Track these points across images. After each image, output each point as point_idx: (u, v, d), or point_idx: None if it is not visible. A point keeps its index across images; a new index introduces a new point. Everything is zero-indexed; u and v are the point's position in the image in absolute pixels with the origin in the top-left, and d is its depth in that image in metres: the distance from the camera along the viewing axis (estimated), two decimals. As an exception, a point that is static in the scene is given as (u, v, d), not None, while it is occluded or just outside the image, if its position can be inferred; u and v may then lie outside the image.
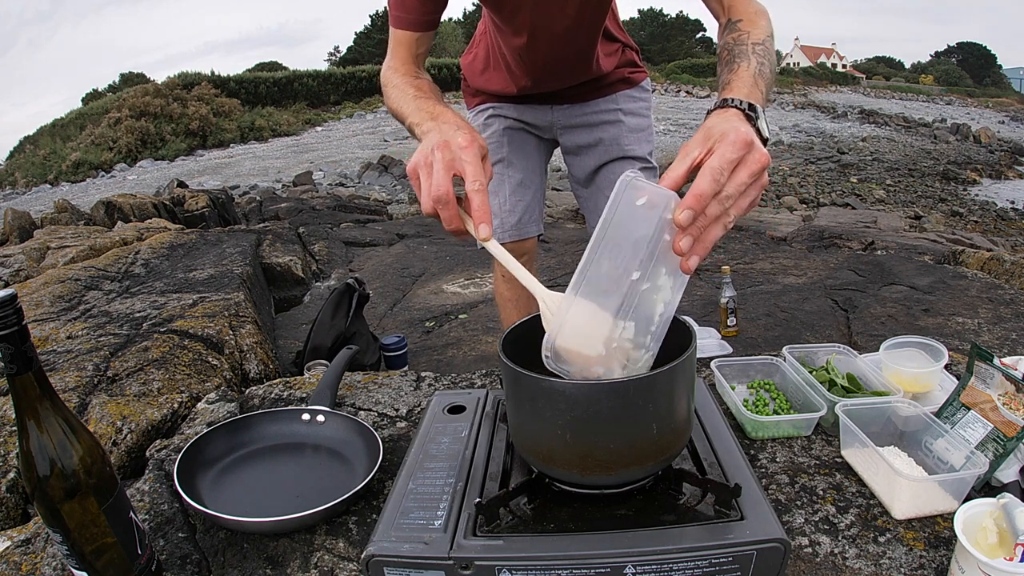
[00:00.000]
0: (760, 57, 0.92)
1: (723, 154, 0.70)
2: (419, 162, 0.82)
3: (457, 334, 2.71)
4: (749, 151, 0.71)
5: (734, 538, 0.71)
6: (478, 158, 0.81)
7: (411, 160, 0.84)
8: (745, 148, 0.71)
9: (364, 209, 6.91)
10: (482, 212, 0.78)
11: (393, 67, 1.17)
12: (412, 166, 0.83)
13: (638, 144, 1.64)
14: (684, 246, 0.69)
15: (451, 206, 0.79)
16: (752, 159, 0.71)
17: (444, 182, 0.79)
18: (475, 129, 0.88)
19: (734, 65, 0.91)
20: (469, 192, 0.79)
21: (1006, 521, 0.72)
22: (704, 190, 0.69)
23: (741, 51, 0.94)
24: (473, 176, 0.79)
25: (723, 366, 1.20)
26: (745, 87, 0.84)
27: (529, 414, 0.76)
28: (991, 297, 2.42)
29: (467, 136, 0.83)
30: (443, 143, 0.81)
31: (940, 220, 9.39)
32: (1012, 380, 0.91)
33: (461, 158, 0.80)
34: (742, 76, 0.87)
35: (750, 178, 0.71)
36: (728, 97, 0.82)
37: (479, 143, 0.83)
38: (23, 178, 19.47)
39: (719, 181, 0.69)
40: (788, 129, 20.52)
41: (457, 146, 0.81)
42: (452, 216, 0.80)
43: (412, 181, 0.83)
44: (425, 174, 0.81)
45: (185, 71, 29.01)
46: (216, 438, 1.05)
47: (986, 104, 37.63)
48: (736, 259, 3.51)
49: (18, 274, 2.99)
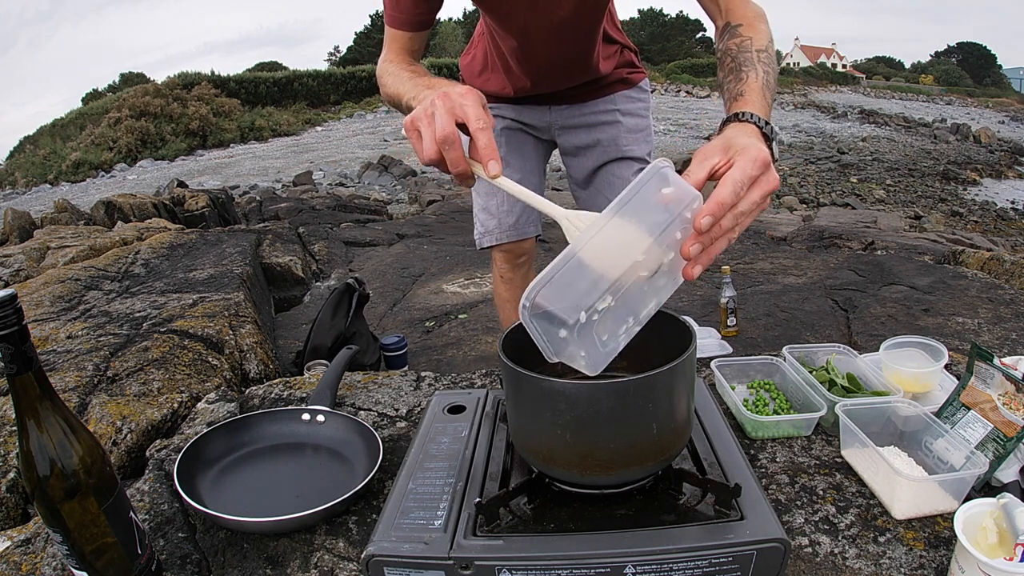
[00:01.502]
0: (766, 66, 0.94)
1: (745, 169, 0.72)
2: (418, 115, 0.81)
3: (457, 334, 2.71)
4: (766, 172, 0.73)
5: (734, 538, 0.71)
6: (478, 103, 0.81)
7: (409, 116, 0.83)
8: (764, 168, 0.73)
9: (364, 209, 6.92)
10: (489, 149, 0.78)
11: (388, 59, 1.18)
12: (410, 119, 0.82)
13: (637, 145, 1.64)
14: (693, 251, 0.70)
15: (457, 147, 0.79)
16: (766, 180, 0.73)
17: (448, 124, 0.78)
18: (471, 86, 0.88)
19: (742, 75, 0.92)
20: (474, 131, 0.78)
21: (1006, 521, 0.72)
22: (725, 200, 0.70)
23: (747, 59, 0.95)
24: (476, 116, 0.79)
25: (723, 366, 1.20)
26: (758, 101, 0.86)
27: (529, 414, 0.76)
28: (991, 297, 2.42)
29: (465, 87, 0.83)
30: (443, 94, 0.81)
31: (940, 220, 9.40)
32: (1012, 380, 0.91)
33: (461, 103, 0.80)
34: (753, 88, 0.89)
35: (761, 199, 0.73)
36: (745, 111, 0.84)
37: (477, 93, 0.83)
38: (23, 178, 19.47)
39: (739, 194, 0.71)
40: (788, 129, 20.52)
41: (457, 94, 0.81)
42: (458, 157, 0.79)
43: (410, 134, 0.83)
44: (426, 123, 0.80)
45: (185, 71, 29.03)
46: (216, 438, 1.05)
47: (986, 104, 37.64)
48: (736, 259, 3.51)
49: (18, 274, 2.99)
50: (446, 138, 0.78)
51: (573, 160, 1.70)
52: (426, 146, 0.80)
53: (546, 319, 0.68)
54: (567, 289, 0.67)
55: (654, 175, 0.70)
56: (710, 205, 0.69)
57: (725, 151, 0.75)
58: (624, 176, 1.62)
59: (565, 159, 1.72)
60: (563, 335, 0.69)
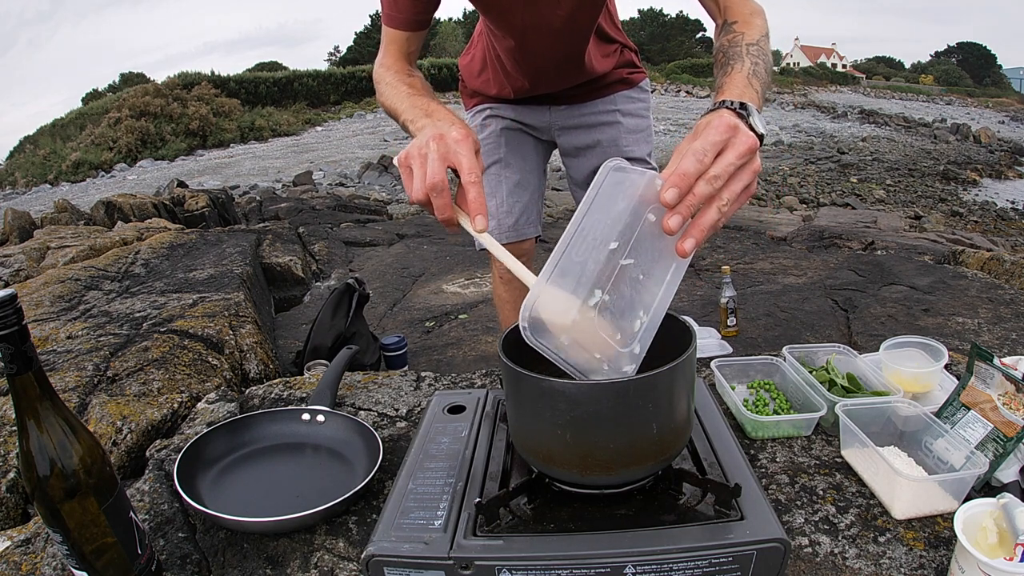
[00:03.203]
0: (754, 57, 0.92)
1: (706, 137, 0.71)
2: (412, 153, 0.83)
3: (457, 334, 2.71)
4: (734, 134, 0.72)
5: (734, 538, 0.71)
6: (472, 151, 0.82)
7: (403, 151, 0.84)
8: (729, 132, 0.72)
9: (364, 209, 6.92)
10: (478, 203, 0.79)
11: (386, 64, 1.18)
12: (404, 156, 0.84)
13: (637, 145, 1.64)
14: (673, 224, 0.69)
15: (445, 195, 0.80)
16: (738, 141, 0.72)
17: (439, 171, 0.80)
18: (468, 125, 0.89)
19: (728, 67, 0.91)
20: (465, 184, 0.80)
21: (1006, 521, 0.72)
22: (687, 169, 0.69)
23: (735, 53, 0.94)
24: (469, 168, 0.80)
25: (723, 366, 1.20)
26: (737, 88, 0.84)
27: (529, 414, 0.76)
28: (991, 297, 2.42)
29: (462, 131, 0.83)
30: (438, 135, 0.82)
31: (940, 220, 9.40)
32: (1012, 380, 0.91)
33: (456, 151, 0.81)
34: (735, 78, 0.87)
35: (738, 159, 0.71)
36: (720, 100, 0.83)
37: (473, 138, 0.84)
38: (23, 178, 19.47)
39: (703, 161, 0.70)
40: (788, 129, 20.52)
41: (452, 139, 0.82)
42: (446, 205, 0.80)
43: (402, 170, 0.84)
44: (418, 163, 0.81)
45: (185, 71, 29.03)
46: (216, 438, 1.05)
47: (986, 104, 37.64)
48: (736, 259, 3.51)
49: (18, 274, 2.99)
50: (435, 186, 0.79)
51: (573, 161, 1.69)
52: (415, 187, 0.81)
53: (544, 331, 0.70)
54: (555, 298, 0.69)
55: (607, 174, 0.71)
56: (671, 177, 0.69)
57: (694, 137, 0.75)
58: None
59: (565, 160, 1.72)
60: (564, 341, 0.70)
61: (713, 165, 0.70)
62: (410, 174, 0.82)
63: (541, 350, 0.70)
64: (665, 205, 0.70)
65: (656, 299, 0.73)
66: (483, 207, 0.79)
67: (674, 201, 0.69)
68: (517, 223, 1.66)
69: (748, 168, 0.73)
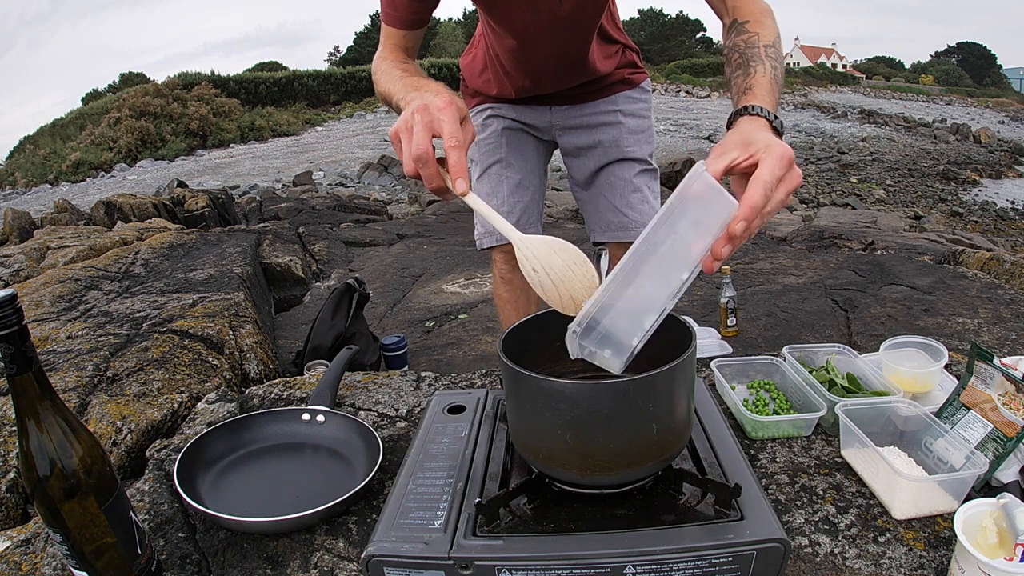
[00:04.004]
0: (773, 60, 0.94)
1: (773, 170, 0.72)
2: (400, 126, 0.83)
3: (457, 334, 2.71)
4: (790, 169, 0.74)
5: (734, 538, 0.71)
6: (456, 118, 0.82)
7: (393, 125, 0.85)
8: (788, 166, 0.73)
9: (364, 209, 6.91)
10: (459, 168, 0.79)
11: (383, 56, 1.20)
12: (394, 130, 0.84)
13: (638, 145, 1.64)
14: (726, 254, 0.71)
15: (431, 165, 0.80)
16: (791, 178, 0.74)
17: (424, 142, 0.80)
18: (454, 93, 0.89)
19: (750, 69, 0.92)
20: (446, 148, 0.80)
21: (1006, 521, 0.72)
22: (757, 203, 0.70)
23: (755, 54, 0.95)
24: (449, 133, 0.80)
25: (723, 366, 1.20)
26: (767, 95, 0.86)
27: (529, 414, 0.76)
28: (991, 297, 2.42)
29: (445, 99, 0.84)
30: (422, 106, 0.82)
31: (940, 220, 9.40)
32: (1012, 380, 0.91)
33: (439, 118, 0.81)
34: (762, 83, 0.89)
35: (786, 196, 0.73)
36: (755, 104, 0.84)
37: (457, 104, 0.84)
38: (23, 178, 19.47)
39: (768, 196, 0.71)
40: (788, 129, 20.47)
41: (435, 107, 0.82)
42: (433, 174, 0.81)
43: (394, 145, 0.85)
44: (406, 137, 0.82)
45: (185, 71, 29.05)
46: (216, 438, 1.05)
47: (986, 104, 37.62)
48: (736, 259, 3.51)
49: (18, 274, 2.99)
50: (419, 156, 0.80)
51: (574, 161, 1.69)
52: (405, 161, 0.82)
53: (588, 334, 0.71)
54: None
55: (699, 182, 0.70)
56: (744, 210, 0.70)
57: (745, 147, 0.76)
58: (625, 177, 1.62)
59: (566, 160, 1.72)
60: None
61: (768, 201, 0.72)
62: (400, 148, 0.83)
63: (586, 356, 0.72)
64: (732, 235, 0.70)
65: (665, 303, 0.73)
66: (463, 170, 0.79)
67: (741, 235, 0.70)
68: (518, 223, 1.65)
69: (785, 202, 0.75)
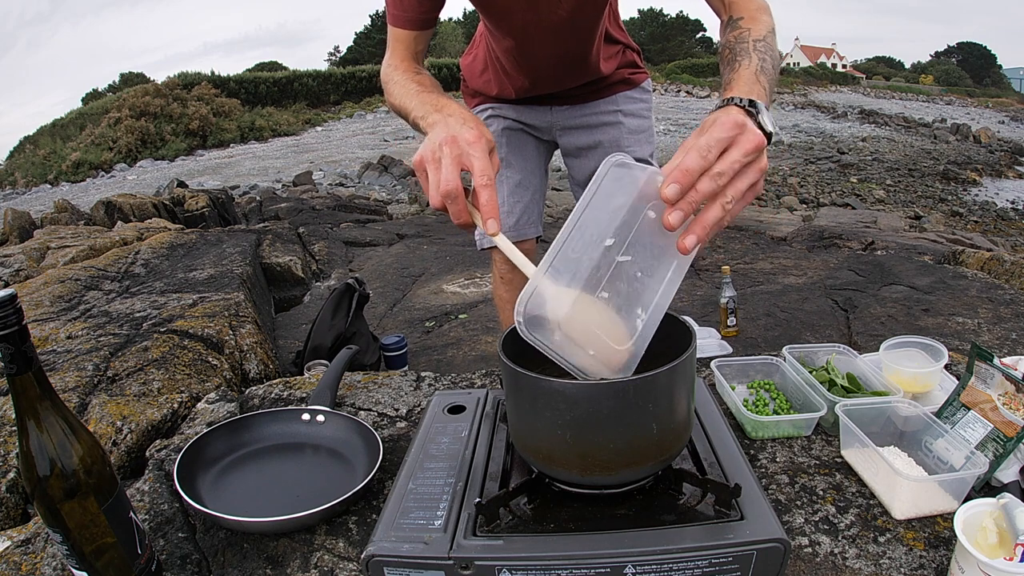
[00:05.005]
0: (761, 54, 0.91)
1: (711, 133, 0.70)
2: (426, 156, 0.82)
3: (457, 334, 2.71)
4: (741, 132, 0.71)
5: (734, 538, 0.71)
6: (486, 152, 0.81)
7: (418, 153, 0.84)
8: (736, 129, 0.70)
9: (364, 209, 6.92)
10: (490, 207, 0.78)
11: (393, 64, 1.17)
12: (419, 159, 0.83)
13: (638, 146, 1.64)
14: (674, 220, 0.69)
15: (460, 201, 0.80)
16: (744, 139, 0.70)
17: (453, 177, 0.79)
18: (481, 122, 0.88)
19: (735, 64, 0.90)
20: (477, 187, 0.79)
21: (1006, 521, 0.72)
22: (689, 165, 0.68)
23: (742, 49, 0.93)
24: (481, 171, 0.79)
25: (723, 366, 1.20)
26: (745, 85, 0.83)
27: (529, 414, 0.76)
28: (991, 297, 2.42)
29: (474, 132, 0.83)
30: (451, 138, 0.81)
31: (940, 220, 9.40)
32: (1012, 380, 0.91)
33: (469, 153, 0.80)
34: (742, 75, 0.86)
35: (744, 156, 0.70)
36: (728, 96, 0.81)
37: (486, 137, 0.83)
38: (23, 178, 19.46)
39: (706, 158, 0.69)
40: (788, 129, 20.51)
41: (465, 141, 0.81)
42: (461, 211, 0.80)
43: (418, 173, 0.84)
44: (433, 168, 0.81)
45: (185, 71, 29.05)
46: (216, 438, 1.05)
47: (986, 104, 37.60)
48: (736, 259, 3.51)
49: (18, 274, 2.99)
50: (448, 193, 0.79)
51: (575, 161, 1.69)
52: (432, 194, 0.81)
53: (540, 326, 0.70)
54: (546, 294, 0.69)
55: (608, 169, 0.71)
56: (673, 173, 0.68)
57: (700, 133, 0.73)
58: None
59: (567, 160, 1.72)
60: (558, 338, 0.69)
61: (718, 162, 0.69)
62: (426, 178, 0.82)
63: (536, 344, 0.69)
64: (665, 201, 0.69)
65: (656, 297, 0.72)
66: (495, 210, 0.78)
67: (675, 197, 0.68)
68: (518, 223, 1.66)
69: (754, 166, 0.71)
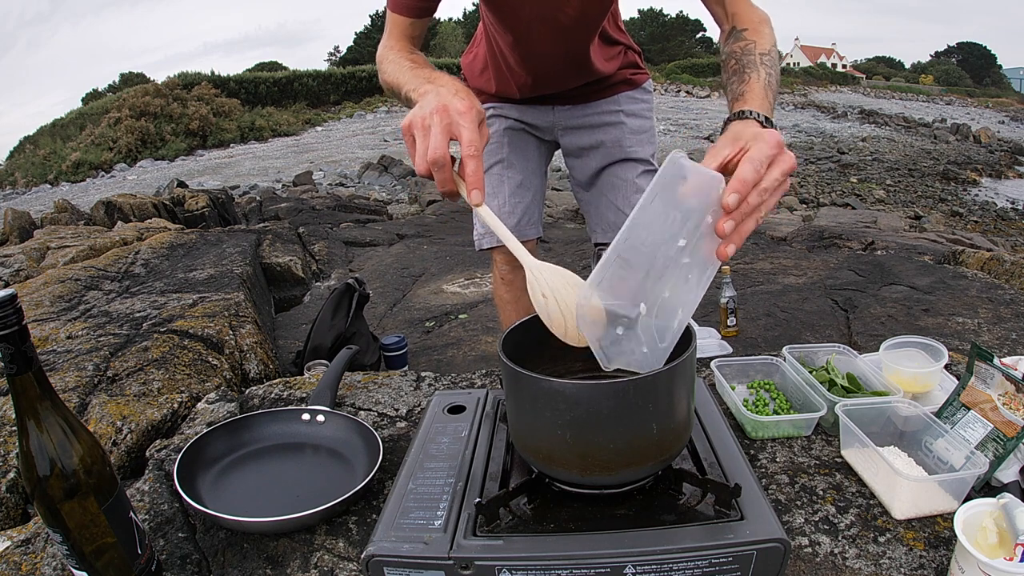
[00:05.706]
0: (768, 67, 0.97)
1: (761, 149, 0.75)
2: (416, 123, 0.82)
3: (457, 334, 2.72)
4: (781, 152, 0.76)
5: (734, 538, 0.71)
6: (475, 123, 0.81)
7: (407, 117, 0.83)
8: (778, 148, 0.76)
9: (364, 209, 6.91)
10: (476, 178, 0.79)
11: (389, 45, 1.18)
12: (407, 123, 0.83)
13: (640, 146, 1.64)
14: (728, 228, 0.72)
15: (446, 169, 0.80)
16: (784, 159, 0.76)
17: (441, 145, 0.79)
18: (473, 94, 0.87)
19: (745, 76, 0.95)
20: (464, 157, 0.79)
21: (1006, 521, 0.72)
22: (748, 177, 0.73)
23: (750, 61, 0.98)
24: (469, 140, 0.80)
25: (723, 366, 1.20)
26: (758, 99, 0.89)
27: (529, 414, 0.76)
28: (991, 297, 2.42)
29: (466, 102, 0.83)
30: (442, 106, 0.81)
31: (940, 220, 9.40)
32: (1012, 380, 0.91)
33: (459, 122, 0.80)
34: (754, 88, 0.92)
35: (782, 176, 0.75)
36: (747, 109, 0.88)
37: (477, 108, 0.83)
38: (23, 178, 19.46)
39: (759, 172, 0.74)
40: (788, 129, 20.50)
41: (456, 111, 0.81)
42: (447, 179, 0.80)
43: (405, 137, 0.84)
44: (421, 135, 0.81)
45: (185, 71, 29.05)
46: (216, 438, 1.05)
47: (986, 104, 37.61)
48: (736, 259, 3.51)
49: (18, 274, 2.99)
50: (436, 160, 0.79)
51: (576, 161, 1.69)
52: (418, 160, 0.81)
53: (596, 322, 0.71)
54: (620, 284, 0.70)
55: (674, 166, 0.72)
56: (734, 183, 0.72)
57: (735, 142, 0.78)
58: (627, 178, 1.62)
59: (568, 160, 1.72)
60: (620, 332, 0.71)
61: (764, 177, 0.74)
62: (413, 143, 0.82)
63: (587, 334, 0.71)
64: (726, 209, 0.72)
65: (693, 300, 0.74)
66: (480, 181, 0.79)
67: (735, 206, 0.72)
68: (519, 224, 1.66)
69: (783, 185, 0.77)
